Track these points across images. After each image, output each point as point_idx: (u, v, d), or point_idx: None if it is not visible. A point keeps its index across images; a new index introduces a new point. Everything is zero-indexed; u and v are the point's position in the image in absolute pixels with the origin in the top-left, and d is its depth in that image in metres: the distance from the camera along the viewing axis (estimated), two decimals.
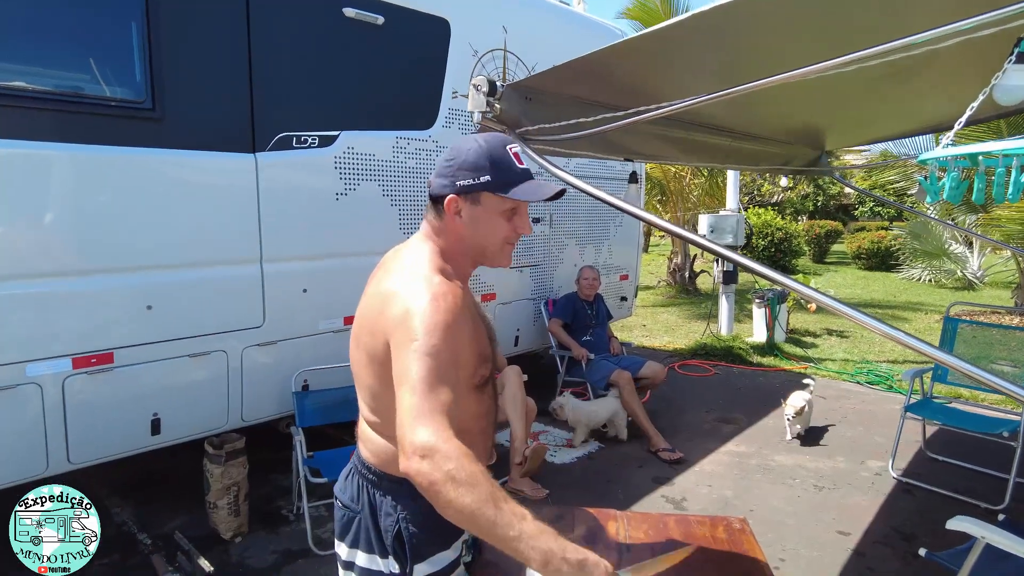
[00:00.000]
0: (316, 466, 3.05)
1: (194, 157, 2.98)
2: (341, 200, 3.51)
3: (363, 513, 1.34)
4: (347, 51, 3.49)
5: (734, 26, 1.68)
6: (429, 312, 1.11)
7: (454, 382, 1.10)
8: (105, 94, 2.76)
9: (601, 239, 5.54)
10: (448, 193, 1.25)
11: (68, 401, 2.71)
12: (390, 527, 1.29)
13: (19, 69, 2.55)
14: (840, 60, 1.42)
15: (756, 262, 1.44)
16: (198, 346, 3.05)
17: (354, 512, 1.36)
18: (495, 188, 1.24)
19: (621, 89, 2.30)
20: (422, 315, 1.11)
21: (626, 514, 1.71)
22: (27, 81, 2.55)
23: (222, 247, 3.09)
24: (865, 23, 1.63)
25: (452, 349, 1.11)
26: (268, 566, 2.92)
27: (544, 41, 4.66)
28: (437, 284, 1.18)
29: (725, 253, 1.52)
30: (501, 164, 1.24)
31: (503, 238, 1.30)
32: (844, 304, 1.30)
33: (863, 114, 3.43)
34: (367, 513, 1.33)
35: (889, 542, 3.13)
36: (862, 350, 7.16)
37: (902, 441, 3.97)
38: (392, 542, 1.29)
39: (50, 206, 2.61)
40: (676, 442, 4.27)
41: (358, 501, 1.35)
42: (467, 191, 1.24)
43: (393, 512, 1.30)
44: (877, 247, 15.69)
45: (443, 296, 1.15)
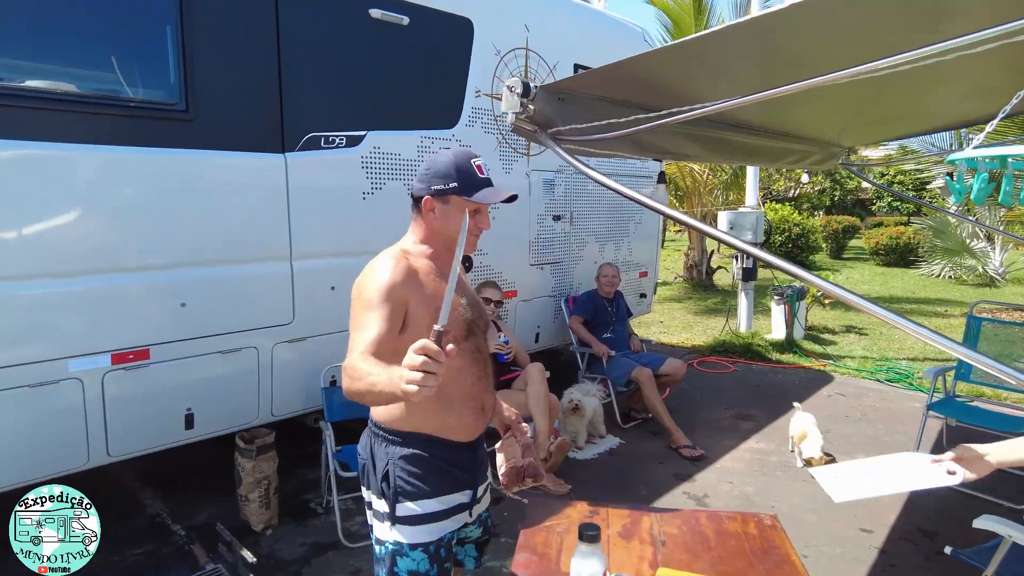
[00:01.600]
0: (345, 460, 3.11)
1: (226, 157, 3.04)
2: (367, 199, 3.56)
3: (368, 459, 1.62)
4: (373, 52, 3.54)
5: (770, 33, 1.71)
6: (366, 270, 1.53)
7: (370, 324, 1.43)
8: (141, 97, 2.83)
9: (621, 236, 5.56)
10: (424, 195, 1.58)
11: (107, 396, 2.79)
12: (381, 470, 1.56)
13: (60, 73, 2.62)
14: (875, 64, 1.44)
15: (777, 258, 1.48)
16: (230, 343, 3.12)
17: (363, 459, 1.64)
18: (460, 192, 1.56)
19: (652, 90, 2.32)
20: (364, 273, 1.53)
21: (658, 512, 1.75)
22: (69, 85, 2.62)
23: (253, 245, 3.16)
24: (899, 27, 1.65)
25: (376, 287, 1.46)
26: (298, 558, 2.99)
27: (564, 39, 4.69)
28: (374, 260, 1.54)
29: (761, 254, 1.54)
30: (465, 173, 1.57)
31: (469, 231, 1.61)
32: (871, 302, 1.32)
33: (886, 112, 3.42)
34: (369, 459, 1.61)
35: (912, 539, 3.15)
36: (881, 347, 7.13)
37: (924, 439, 3.97)
38: (381, 483, 1.56)
39: (89, 206, 2.68)
40: (696, 439, 4.29)
41: (366, 450, 1.63)
42: (439, 193, 1.57)
43: (384, 458, 1.57)
44: (896, 243, 15.54)
45: (378, 259, 1.53)
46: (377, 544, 1.59)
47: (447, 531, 1.59)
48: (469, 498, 1.64)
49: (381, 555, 1.57)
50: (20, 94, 2.50)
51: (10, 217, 2.49)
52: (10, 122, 2.46)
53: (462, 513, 1.63)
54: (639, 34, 5.48)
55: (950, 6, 1.52)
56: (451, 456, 1.59)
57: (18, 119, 2.48)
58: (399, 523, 1.53)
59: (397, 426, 1.56)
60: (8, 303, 2.51)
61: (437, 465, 1.56)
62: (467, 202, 1.57)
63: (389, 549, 1.55)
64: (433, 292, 1.54)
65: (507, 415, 1.84)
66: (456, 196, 1.56)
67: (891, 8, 1.58)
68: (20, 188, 2.50)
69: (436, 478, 1.56)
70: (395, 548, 1.54)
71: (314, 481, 3.67)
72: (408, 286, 1.50)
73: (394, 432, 1.57)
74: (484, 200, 1.57)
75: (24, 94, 2.50)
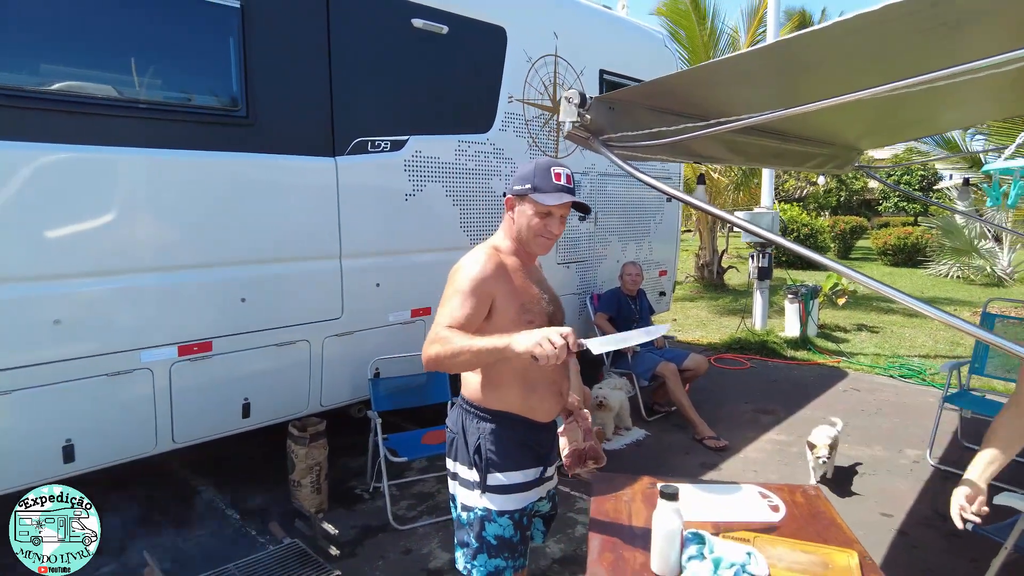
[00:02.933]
0: (392, 447, 3.29)
1: (282, 160, 3.22)
2: (409, 200, 3.74)
3: (458, 433, 1.77)
4: (415, 60, 3.71)
5: (802, 52, 1.87)
6: (462, 261, 1.71)
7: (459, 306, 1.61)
8: (206, 104, 3.01)
9: (642, 236, 5.73)
10: (507, 194, 1.79)
11: (174, 385, 2.97)
12: (473, 443, 1.73)
13: (135, 84, 2.80)
14: (901, 83, 1.60)
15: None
16: (285, 336, 3.30)
17: (453, 433, 1.80)
18: (532, 192, 1.72)
19: (690, 101, 2.50)
20: (454, 270, 1.70)
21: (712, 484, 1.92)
22: (143, 95, 2.80)
23: (307, 243, 3.34)
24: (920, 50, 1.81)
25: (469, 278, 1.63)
26: (352, 539, 3.16)
27: (591, 45, 4.86)
28: (470, 253, 1.73)
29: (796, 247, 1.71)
30: (542, 177, 1.72)
31: (535, 231, 1.75)
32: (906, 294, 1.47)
33: (905, 117, 3.58)
34: (460, 433, 1.77)
35: (931, 523, 3.31)
36: (892, 345, 7.29)
37: (941, 432, 4.13)
38: (473, 455, 1.72)
39: (158, 207, 2.86)
40: (718, 431, 4.46)
41: (456, 424, 1.79)
42: (517, 193, 1.75)
43: (476, 432, 1.74)
44: (904, 243, 15.67)
45: (468, 259, 1.70)
46: (464, 511, 1.76)
47: (529, 501, 1.76)
48: (542, 473, 1.81)
49: (469, 520, 1.74)
50: (98, 103, 2.68)
51: (89, 218, 2.68)
52: (89, 130, 2.65)
53: (540, 487, 1.80)
54: (660, 40, 5.66)
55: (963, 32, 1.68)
56: (534, 434, 1.76)
57: (95, 127, 2.66)
58: (489, 491, 1.70)
59: (489, 404, 1.74)
60: (88, 298, 2.70)
61: (522, 441, 1.73)
62: (537, 203, 1.72)
63: (478, 515, 1.72)
64: (519, 286, 1.72)
65: (571, 401, 2.01)
66: (530, 197, 1.73)
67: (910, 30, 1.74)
68: (98, 191, 2.69)
69: (521, 453, 1.73)
70: (484, 514, 1.71)
71: (357, 469, 3.85)
72: (497, 281, 1.67)
73: (486, 410, 1.74)
74: (548, 202, 1.71)
75: (101, 103, 2.69)
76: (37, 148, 2.53)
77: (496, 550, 1.72)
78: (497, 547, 1.71)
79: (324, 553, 2.26)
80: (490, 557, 1.72)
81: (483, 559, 1.72)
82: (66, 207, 2.61)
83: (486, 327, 1.65)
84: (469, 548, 1.74)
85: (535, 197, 1.72)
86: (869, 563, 1.47)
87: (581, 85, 4.77)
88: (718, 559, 1.38)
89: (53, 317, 2.61)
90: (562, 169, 1.77)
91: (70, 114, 2.61)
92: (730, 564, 1.37)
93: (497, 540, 1.71)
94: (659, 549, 1.42)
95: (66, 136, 2.60)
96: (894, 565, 2.97)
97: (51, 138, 2.56)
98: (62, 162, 2.59)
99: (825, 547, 1.51)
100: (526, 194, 1.73)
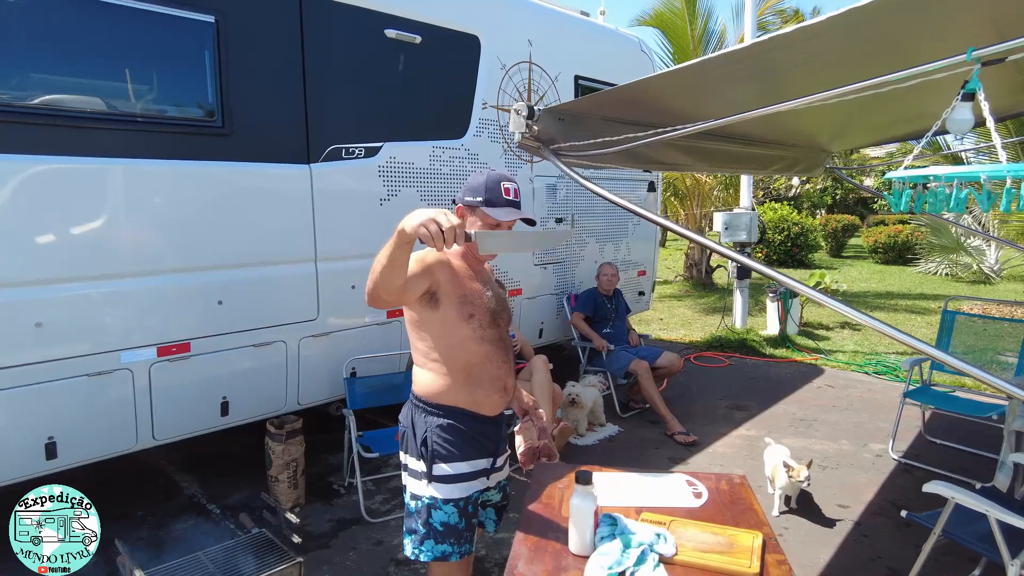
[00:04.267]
0: (366, 444, 3.42)
1: (258, 168, 3.35)
2: (384, 205, 3.87)
3: (408, 427, 1.89)
4: (388, 69, 3.84)
5: (764, 57, 1.99)
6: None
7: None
8: (183, 115, 3.14)
9: (620, 237, 5.86)
10: (458, 204, 1.91)
11: (154, 385, 3.10)
12: (420, 436, 1.84)
13: (114, 96, 2.93)
14: (846, 88, 1.74)
15: (770, 257, 1.77)
16: (262, 337, 3.43)
17: (404, 427, 1.92)
18: (483, 206, 1.84)
19: (646, 109, 2.62)
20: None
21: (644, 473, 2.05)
22: (122, 106, 2.93)
23: (282, 248, 3.47)
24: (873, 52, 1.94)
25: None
26: (326, 531, 3.30)
27: (565, 52, 4.99)
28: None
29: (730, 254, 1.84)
30: (493, 192, 1.85)
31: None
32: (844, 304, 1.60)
33: (879, 120, 3.70)
34: (410, 427, 1.89)
35: (885, 513, 3.44)
36: (872, 342, 7.41)
37: (905, 427, 4.27)
38: (420, 447, 1.84)
39: (137, 214, 2.99)
40: (691, 427, 4.59)
41: (407, 419, 1.91)
42: (468, 204, 1.87)
43: (424, 425, 1.85)
44: (894, 241, 15.79)
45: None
46: (413, 499, 1.87)
47: (474, 490, 1.88)
48: (491, 464, 1.94)
49: (417, 508, 1.86)
50: (82, 116, 2.81)
51: (71, 225, 2.81)
52: (72, 142, 2.78)
53: (487, 477, 1.92)
54: (636, 44, 5.78)
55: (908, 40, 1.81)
56: (478, 427, 1.88)
57: (76, 138, 2.79)
58: (434, 481, 1.82)
59: (436, 400, 1.85)
60: (69, 301, 2.83)
61: (467, 434, 1.85)
62: (487, 216, 1.84)
63: (425, 503, 1.84)
64: (461, 280, 1.84)
65: (526, 401, 2.13)
66: (480, 208, 1.85)
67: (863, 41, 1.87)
68: (78, 199, 2.82)
69: (465, 444, 1.85)
70: (430, 502, 1.83)
71: (335, 465, 3.98)
72: (440, 267, 1.79)
73: (433, 404, 1.86)
74: (499, 217, 1.84)
75: (82, 115, 2.82)
76: (21, 160, 2.66)
77: (442, 536, 1.83)
78: (443, 533, 1.83)
79: (289, 542, 2.38)
80: (436, 543, 1.83)
81: (430, 544, 1.84)
82: (48, 215, 2.74)
83: (433, 317, 1.79)
84: (417, 535, 1.86)
85: (486, 211, 1.84)
86: (772, 543, 1.60)
87: (556, 91, 4.90)
88: (628, 539, 1.51)
89: (35, 320, 2.74)
90: (511, 184, 1.90)
91: (55, 127, 2.74)
92: (639, 543, 1.50)
93: (443, 527, 1.83)
94: (575, 528, 1.55)
95: (50, 147, 2.73)
96: (844, 553, 3.10)
97: (35, 150, 2.69)
98: (45, 173, 2.72)
99: (733, 528, 1.64)
100: (477, 206, 1.86)
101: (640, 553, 1.47)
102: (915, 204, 1.75)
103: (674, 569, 1.47)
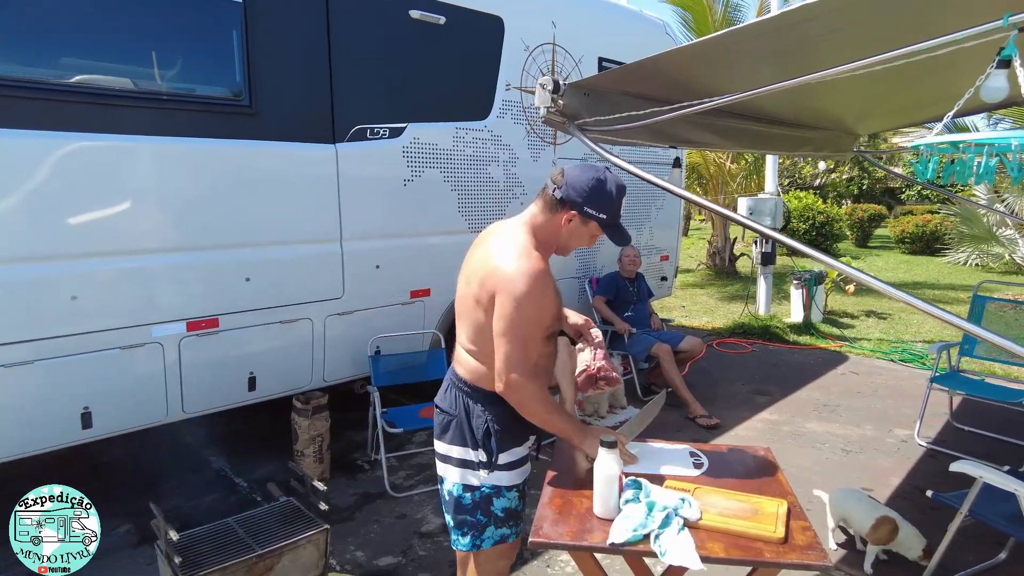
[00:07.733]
0: (391, 420, 3.47)
1: (284, 148, 3.39)
2: (408, 185, 3.89)
3: (459, 416, 1.80)
4: (413, 49, 3.85)
5: (788, 28, 1.97)
6: (528, 286, 1.62)
7: (535, 337, 1.69)
8: (212, 94, 3.19)
9: (643, 221, 5.83)
10: (574, 208, 1.72)
11: (183, 359, 3.17)
12: (480, 426, 1.77)
13: (145, 76, 2.98)
14: (872, 60, 1.71)
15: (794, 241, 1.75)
16: (288, 314, 3.48)
17: (451, 416, 1.82)
18: (602, 224, 1.74)
19: (670, 84, 2.61)
20: (524, 286, 1.61)
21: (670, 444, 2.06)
22: (152, 86, 2.98)
23: (308, 227, 3.51)
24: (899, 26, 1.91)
25: (538, 314, 1.67)
26: (351, 505, 3.35)
27: (589, 33, 4.96)
28: (535, 262, 1.66)
29: (767, 231, 1.83)
30: (616, 210, 1.75)
31: (580, 246, 1.84)
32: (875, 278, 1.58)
33: (905, 101, 3.64)
34: (463, 416, 1.79)
35: (910, 496, 3.41)
36: (898, 331, 7.31)
37: (932, 413, 4.21)
38: (482, 437, 1.76)
39: (167, 191, 3.04)
40: (713, 410, 4.57)
41: (455, 407, 1.81)
42: (586, 216, 1.73)
43: (482, 415, 1.77)
44: (922, 231, 15.51)
45: (537, 274, 1.64)
46: (467, 491, 1.79)
47: (528, 473, 1.87)
48: (535, 441, 1.94)
49: (474, 499, 1.79)
50: (112, 94, 2.87)
51: (103, 201, 2.87)
52: (103, 120, 2.84)
53: (532, 454, 1.92)
54: (661, 27, 5.72)
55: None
56: None
57: (109, 116, 2.85)
58: (498, 469, 1.77)
59: (492, 387, 1.76)
60: (101, 276, 2.90)
61: (520, 419, 1.77)
62: (600, 230, 1.77)
63: (485, 492, 1.78)
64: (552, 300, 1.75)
65: (575, 320, 2.11)
66: (597, 225, 1.75)
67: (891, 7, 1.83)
68: (110, 176, 2.88)
69: (520, 430, 1.81)
70: (492, 491, 1.78)
71: (359, 443, 4.04)
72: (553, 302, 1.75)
73: (490, 392, 1.77)
74: (617, 243, 1.81)
75: (114, 94, 2.87)
76: (58, 136, 2.73)
77: (503, 521, 1.81)
78: (504, 518, 1.81)
79: (317, 510, 2.43)
80: (497, 528, 1.81)
81: (491, 531, 1.80)
82: (81, 192, 2.80)
83: None
84: (476, 526, 1.80)
85: (610, 235, 1.77)
86: (797, 511, 1.60)
87: (580, 73, 4.87)
88: (652, 503, 1.52)
89: (71, 293, 2.81)
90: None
91: (88, 104, 2.80)
92: (663, 507, 1.51)
93: (504, 512, 1.80)
94: (600, 493, 1.56)
95: (86, 126, 2.79)
96: None
97: (72, 127, 2.75)
98: (78, 150, 2.78)
99: (758, 496, 1.64)
100: (593, 220, 1.74)
101: (665, 516, 1.48)
102: (943, 173, 1.72)
103: (698, 533, 1.48)
